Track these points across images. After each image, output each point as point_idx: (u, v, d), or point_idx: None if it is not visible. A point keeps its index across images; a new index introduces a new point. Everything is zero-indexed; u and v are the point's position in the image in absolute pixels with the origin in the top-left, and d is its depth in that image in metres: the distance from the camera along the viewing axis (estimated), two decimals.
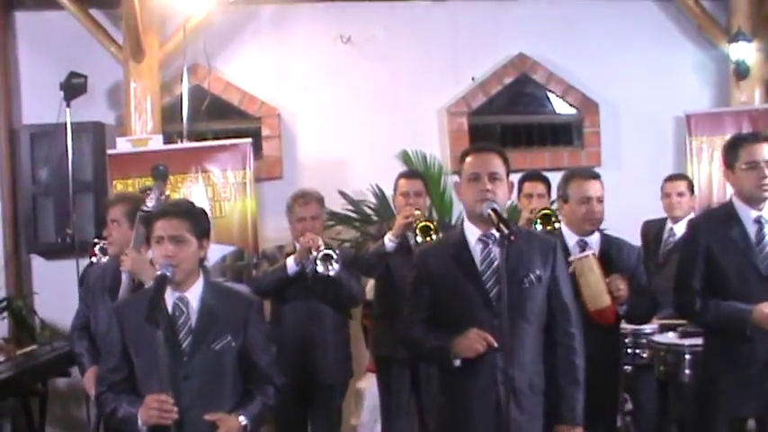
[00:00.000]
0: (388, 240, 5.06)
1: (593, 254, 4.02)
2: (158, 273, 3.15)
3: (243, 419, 3.21)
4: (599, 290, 3.94)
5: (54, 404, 6.43)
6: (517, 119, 7.40)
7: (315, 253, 4.73)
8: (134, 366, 3.24)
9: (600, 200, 4.14)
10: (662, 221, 5.87)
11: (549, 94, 7.37)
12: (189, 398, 3.15)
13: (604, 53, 7.27)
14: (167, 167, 4.42)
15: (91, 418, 5.66)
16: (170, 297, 3.20)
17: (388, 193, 6.12)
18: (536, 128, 7.39)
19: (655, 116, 7.25)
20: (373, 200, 6.85)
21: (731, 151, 3.93)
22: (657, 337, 4.90)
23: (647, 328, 4.92)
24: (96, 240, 5.44)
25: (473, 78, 7.25)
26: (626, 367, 4.92)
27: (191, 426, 3.15)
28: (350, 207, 6.87)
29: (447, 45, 7.14)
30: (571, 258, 3.96)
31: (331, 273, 4.73)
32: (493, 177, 3.34)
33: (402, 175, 5.53)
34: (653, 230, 5.87)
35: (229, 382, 3.28)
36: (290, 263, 4.85)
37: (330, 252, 4.74)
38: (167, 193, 5.18)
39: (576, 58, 7.29)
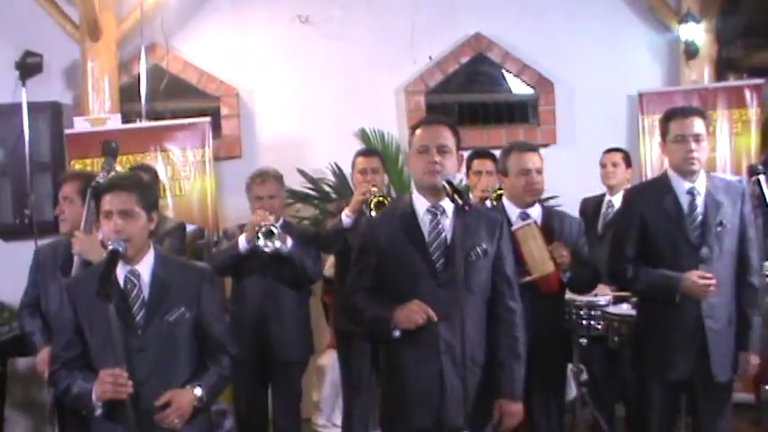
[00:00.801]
0: (345, 216, 5.06)
1: (535, 222, 4.10)
2: (110, 248, 3.13)
3: (198, 391, 3.21)
4: (542, 257, 4.02)
5: (14, 386, 6.31)
6: (474, 97, 7.46)
7: (256, 228, 4.75)
8: (87, 343, 3.22)
9: (539, 171, 4.19)
10: (600, 197, 5.98)
11: (506, 73, 7.45)
12: (145, 370, 3.15)
13: (559, 33, 7.33)
14: (118, 144, 4.42)
15: None
16: (121, 271, 3.20)
17: (347, 170, 6.14)
18: (492, 106, 7.47)
19: (608, 94, 7.36)
20: (332, 178, 6.90)
21: (664, 125, 4.04)
22: (611, 309, 4.96)
23: (602, 299, 5.00)
24: None
25: (430, 57, 7.29)
26: (581, 339, 5.02)
27: (147, 398, 3.14)
28: (309, 185, 6.90)
29: (404, 24, 7.11)
30: (514, 228, 4.02)
31: (267, 249, 4.71)
32: (441, 150, 3.36)
33: (359, 153, 5.58)
34: (591, 206, 5.96)
35: (184, 354, 3.27)
36: (242, 240, 4.84)
37: (272, 228, 4.71)
38: (118, 168, 5.13)
39: (532, 37, 7.36)
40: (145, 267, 3.24)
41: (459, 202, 3.15)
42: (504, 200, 4.28)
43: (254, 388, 5.08)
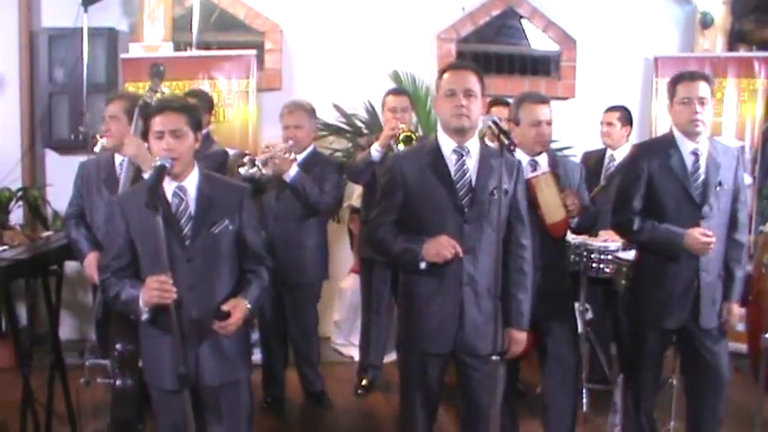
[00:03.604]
0: (375, 151, 5.07)
1: (551, 171, 4.06)
2: (158, 163, 3.13)
3: (247, 303, 3.24)
4: (555, 204, 3.99)
5: (64, 288, 6.33)
6: (501, 48, 7.40)
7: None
8: (138, 254, 3.23)
9: (549, 123, 4.11)
10: (602, 151, 5.91)
11: (532, 28, 7.38)
12: (192, 279, 3.18)
13: None
14: (165, 67, 4.34)
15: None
16: (169, 187, 3.22)
17: (379, 109, 6.05)
18: (518, 58, 7.41)
19: (626, 56, 7.32)
20: (365, 114, 6.87)
21: (671, 87, 3.99)
22: (621, 254, 4.95)
23: (612, 245, 4.97)
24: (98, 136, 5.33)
25: (463, 8, 7.23)
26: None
27: (194, 304, 3.19)
28: (342, 120, 6.90)
29: None
30: (530, 176, 3.99)
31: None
32: (468, 94, 3.33)
33: (390, 92, 5.57)
34: (593, 159, 5.88)
35: (226, 264, 3.29)
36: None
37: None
38: (164, 89, 5.03)
39: None
40: (191, 184, 3.25)
41: (506, 141, 3.10)
42: None
43: (276, 310, 5.14)
